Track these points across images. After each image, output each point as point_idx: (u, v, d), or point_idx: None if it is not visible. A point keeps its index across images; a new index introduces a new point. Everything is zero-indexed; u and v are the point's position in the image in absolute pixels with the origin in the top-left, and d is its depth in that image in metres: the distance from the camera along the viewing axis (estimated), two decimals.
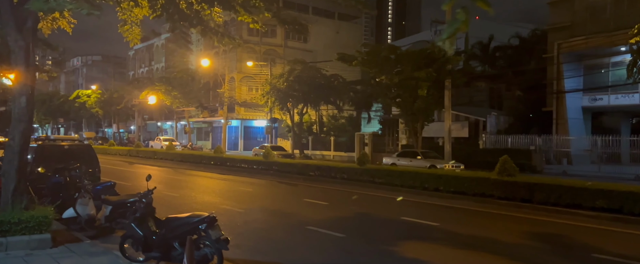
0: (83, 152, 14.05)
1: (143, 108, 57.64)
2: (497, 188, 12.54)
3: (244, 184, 19.20)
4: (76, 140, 14.69)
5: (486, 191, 12.88)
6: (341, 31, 53.24)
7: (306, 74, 36.12)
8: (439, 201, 13.54)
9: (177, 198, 14.95)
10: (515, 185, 12.15)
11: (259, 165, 23.77)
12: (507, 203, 12.20)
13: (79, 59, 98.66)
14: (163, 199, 14.89)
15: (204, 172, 24.65)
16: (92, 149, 14.34)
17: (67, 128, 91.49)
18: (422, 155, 25.03)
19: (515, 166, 12.74)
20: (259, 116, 46.99)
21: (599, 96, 26.24)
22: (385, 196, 15.29)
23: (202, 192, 16.70)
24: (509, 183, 12.23)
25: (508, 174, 12.47)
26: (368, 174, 17.35)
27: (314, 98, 36.61)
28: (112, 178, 21.09)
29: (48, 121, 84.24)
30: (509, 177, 12.34)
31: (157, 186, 7.53)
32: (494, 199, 12.57)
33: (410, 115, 28.05)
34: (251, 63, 43.29)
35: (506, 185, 12.33)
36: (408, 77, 26.49)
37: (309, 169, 20.49)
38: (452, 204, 12.96)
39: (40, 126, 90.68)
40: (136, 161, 32.45)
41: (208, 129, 55.47)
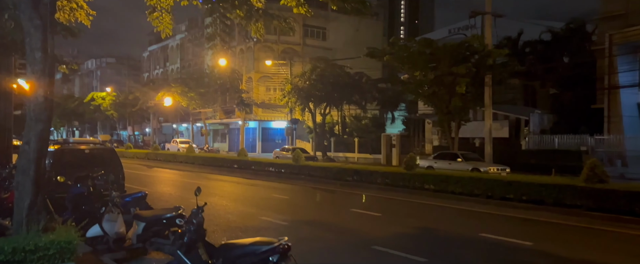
0: (106, 157, 12.54)
1: (158, 110, 56.45)
2: (586, 197, 10.68)
3: (276, 191, 17.55)
4: (98, 143, 13.12)
5: (570, 200, 11.04)
6: (361, 28, 51.48)
7: (329, 72, 34.50)
8: (512, 212, 11.71)
9: (207, 207, 13.29)
10: (612, 194, 10.27)
11: (288, 169, 22.12)
12: (601, 215, 10.31)
13: (93, 61, 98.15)
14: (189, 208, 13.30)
15: (228, 176, 23.08)
16: (115, 153, 12.81)
17: (82, 131, 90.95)
18: (462, 157, 23.20)
19: (606, 172, 10.87)
20: (278, 116, 45.42)
21: None
22: (442, 205, 13.52)
23: (233, 200, 15.07)
24: (604, 192, 10.36)
25: (599, 180, 10.63)
26: (417, 179, 15.59)
27: (338, 97, 34.97)
28: (133, 184, 19.67)
29: (63, 124, 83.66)
30: (602, 185, 10.49)
31: (180, 193, 6.18)
32: (583, 211, 10.71)
33: (446, 114, 26.20)
34: (270, 62, 41.73)
35: (599, 194, 10.46)
36: (445, 73, 24.66)
37: (345, 174, 18.77)
38: (530, 216, 11.14)
39: (56, 130, 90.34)
40: (155, 165, 31.06)
41: (224, 131, 54.04)
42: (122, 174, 12.49)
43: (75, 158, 12.05)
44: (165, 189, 18.00)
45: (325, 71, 34.30)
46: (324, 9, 51.47)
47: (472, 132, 29.42)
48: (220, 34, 10.24)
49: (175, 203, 13.94)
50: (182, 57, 62.53)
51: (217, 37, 10.38)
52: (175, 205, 7.51)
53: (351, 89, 34.49)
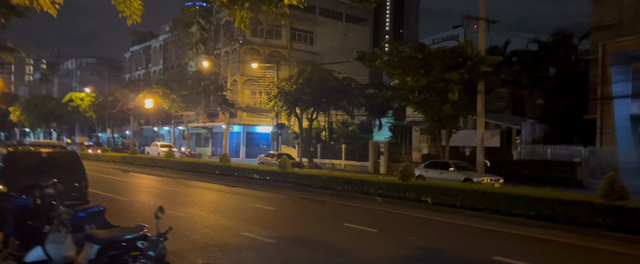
0: (67, 162, 11.22)
1: (139, 112, 54.70)
2: (605, 215, 9.71)
3: (260, 200, 16.34)
4: (58, 146, 11.75)
5: (587, 218, 10.05)
6: (349, 33, 50.66)
7: (317, 76, 33.45)
8: (522, 231, 10.69)
9: (183, 218, 12.09)
10: (636, 213, 9.28)
11: (273, 176, 20.91)
12: (624, 236, 9.31)
13: (73, 61, 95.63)
14: (168, 220, 11.98)
15: (209, 183, 21.77)
16: (77, 158, 11.49)
17: (59, 133, 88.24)
18: (454, 166, 22.28)
19: (625, 187, 9.92)
20: (263, 121, 44.16)
21: None
22: (442, 220, 12.47)
23: (213, 211, 13.82)
24: (626, 210, 9.39)
25: (619, 196, 9.68)
26: (414, 191, 14.54)
27: (325, 102, 33.93)
28: (104, 191, 18.25)
29: (40, 125, 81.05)
30: (623, 202, 9.54)
31: (155, 201, 5.17)
32: (601, 231, 9.73)
33: (437, 121, 25.35)
34: (255, 65, 40.49)
35: (619, 212, 9.49)
36: (437, 79, 23.81)
37: (336, 183, 17.63)
38: (544, 236, 10.11)
39: (32, 131, 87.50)
40: (132, 169, 29.52)
41: (208, 135, 52.52)
42: (85, 181, 11.19)
43: (30, 163, 10.73)
44: (139, 198, 16.65)
45: (312, 75, 33.26)
46: (311, 13, 50.61)
47: (462, 141, 28.63)
48: (199, 42, 9.06)
49: (147, 215, 12.66)
50: (165, 58, 60.90)
51: (196, 48, 9.20)
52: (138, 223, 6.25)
53: (339, 94, 33.48)
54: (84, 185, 11.11)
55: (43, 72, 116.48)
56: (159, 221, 5.05)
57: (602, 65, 23.57)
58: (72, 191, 10.81)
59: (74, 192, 10.84)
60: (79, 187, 11.00)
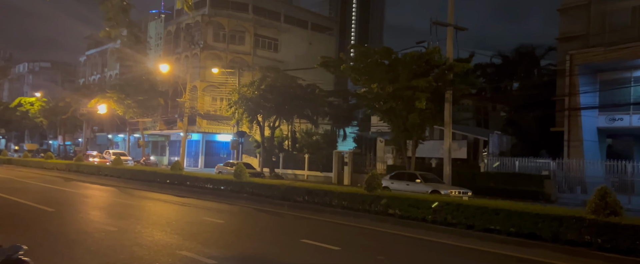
0: None
1: (92, 118, 51.81)
2: (596, 233, 8.55)
3: (210, 212, 14.66)
4: None
5: (575, 235, 8.90)
6: (314, 42, 49.59)
7: (280, 82, 32.01)
8: (502, 249, 9.43)
9: (112, 233, 10.34)
10: (632, 230, 8.14)
11: (228, 186, 19.23)
12: (618, 257, 8.16)
13: (25, 65, 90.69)
14: (93, 235, 10.22)
15: (158, 193, 19.86)
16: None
17: (8, 139, 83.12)
18: (421, 178, 21.23)
19: (618, 201, 8.84)
20: (223, 129, 42.24)
21: (618, 115, 23.29)
22: (413, 236, 11.18)
23: (152, 224, 12.07)
24: (620, 227, 8.24)
25: (612, 211, 8.58)
26: (381, 203, 13.18)
27: (288, 110, 32.47)
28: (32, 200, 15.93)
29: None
30: (617, 219, 8.42)
31: (93, 212, 3.92)
32: (591, 250, 8.56)
33: (403, 131, 24.32)
34: (216, 70, 38.70)
35: (613, 229, 8.33)
36: (404, 87, 22.81)
37: (295, 194, 16.14)
38: (526, 255, 8.88)
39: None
40: (76, 178, 27.13)
41: (165, 143, 50.05)
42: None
43: None
44: (69, 209, 14.66)
45: (276, 81, 31.80)
46: (276, 20, 49.32)
47: (428, 151, 27.74)
48: (120, 11, 7.55)
49: (70, 228, 10.79)
50: (122, 62, 58.10)
51: (116, 19, 7.69)
52: (14, 244, 4.62)
53: (303, 102, 32.11)
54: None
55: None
56: None
57: (570, 75, 23.14)
58: None
59: None
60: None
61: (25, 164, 36.23)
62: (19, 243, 3.96)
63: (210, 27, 45.24)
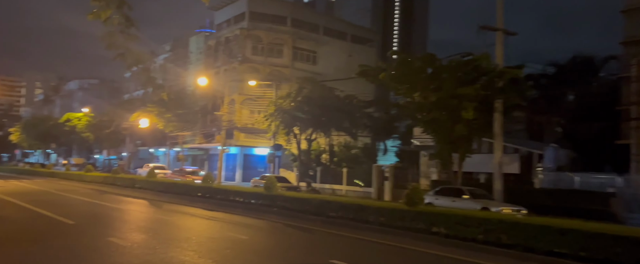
0: None
1: (134, 132, 52.45)
2: None
3: (236, 227, 13.53)
4: None
5: None
6: (354, 54, 48.36)
7: (317, 94, 30.89)
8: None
9: (124, 248, 9.37)
10: None
11: (259, 199, 18.12)
12: None
13: (75, 82, 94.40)
14: (102, 250, 9.26)
15: (187, 206, 18.98)
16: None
17: (58, 154, 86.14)
18: (469, 193, 19.41)
19: None
20: (261, 142, 41.48)
21: None
22: (461, 259, 9.58)
23: (170, 239, 11.04)
24: None
25: None
26: (423, 219, 11.68)
27: (326, 122, 31.25)
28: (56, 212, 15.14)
29: (39, 145, 79.13)
30: None
31: (113, 225, 3.18)
32: None
33: (448, 144, 22.56)
34: (254, 83, 38.15)
35: None
36: (449, 95, 21.15)
37: (328, 208, 14.80)
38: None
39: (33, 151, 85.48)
40: (111, 190, 26.85)
41: (204, 157, 49.88)
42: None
43: None
44: (89, 221, 13.91)
45: (312, 93, 30.72)
46: (315, 32, 48.60)
47: (476, 166, 25.69)
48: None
49: (82, 242, 9.91)
50: (164, 78, 58.99)
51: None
52: None
53: (340, 114, 30.84)
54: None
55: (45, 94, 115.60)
56: None
57: (637, 81, 20.79)
58: None
59: None
60: None
61: (67, 177, 36.71)
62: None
63: (249, 40, 45.00)
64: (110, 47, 6.76)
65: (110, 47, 6.75)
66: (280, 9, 47.08)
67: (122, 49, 6.77)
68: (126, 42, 6.61)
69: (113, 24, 6.33)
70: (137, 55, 6.91)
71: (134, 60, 6.93)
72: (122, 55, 6.91)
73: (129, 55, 6.87)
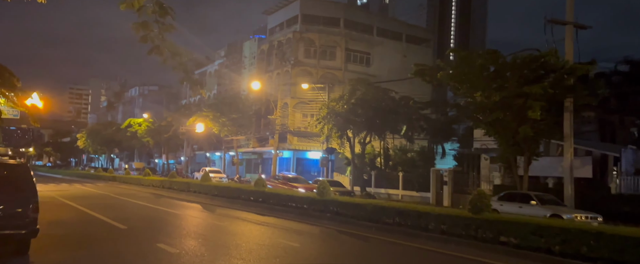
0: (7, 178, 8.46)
1: (191, 137, 53.67)
2: None
3: (287, 234, 12.96)
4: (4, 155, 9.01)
5: None
6: (409, 55, 47.05)
7: (370, 96, 30.01)
8: None
9: (172, 256, 9.03)
10: None
11: (312, 204, 17.52)
12: None
13: (136, 89, 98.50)
14: (148, 257, 8.93)
15: (240, 211, 18.69)
16: (24, 172, 8.62)
17: (121, 158, 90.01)
18: (537, 199, 17.91)
19: None
20: (314, 146, 41.09)
21: None
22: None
23: (219, 246, 10.61)
24: None
25: None
26: (491, 227, 10.60)
27: (380, 125, 30.30)
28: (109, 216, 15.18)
29: (103, 150, 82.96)
30: None
31: (165, 229, 2.85)
32: None
33: (512, 146, 21.06)
34: (306, 86, 37.83)
35: None
36: (513, 94, 19.72)
37: (384, 214, 13.95)
38: None
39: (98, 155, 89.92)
40: (167, 194, 27.25)
41: (258, 161, 50.19)
42: (34, 202, 8.26)
43: None
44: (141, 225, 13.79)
45: (366, 95, 29.89)
46: (368, 33, 47.72)
47: (543, 170, 23.91)
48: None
49: (131, 249, 9.66)
50: (220, 83, 60.13)
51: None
52: None
53: (396, 116, 29.80)
54: (30, 209, 8.17)
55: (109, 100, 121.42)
56: None
57: None
58: (12, 217, 8.02)
59: (14, 219, 8.04)
60: (21, 213, 8.10)
61: (126, 181, 37.82)
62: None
63: (301, 43, 44.81)
64: (144, 40, 6.34)
65: (144, 40, 6.33)
66: (333, 11, 46.60)
67: (158, 41, 6.33)
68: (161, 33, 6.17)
69: (147, 14, 5.93)
70: (173, 48, 6.46)
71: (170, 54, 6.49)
72: (158, 49, 6.47)
73: (164, 47, 6.44)
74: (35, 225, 8.21)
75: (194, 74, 6.91)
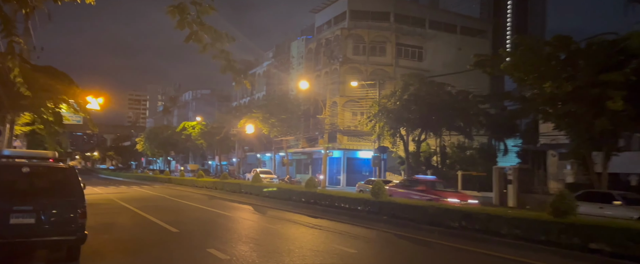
0: (56, 181, 8.01)
1: (242, 138, 53.88)
2: None
3: (343, 238, 11.98)
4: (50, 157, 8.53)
5: None
6: (464, 48, 44.86)
7: (425, 91, 28.51)
8: None
9: (223, 262, 8.32)
10: None
11: (366, 206, 16.46)
12: None
13: (190, 93, 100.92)
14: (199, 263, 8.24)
15: (291, 213, 17.91)
16: (72, 175, 8.11)
17: (177, 161, 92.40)
18: (621, 199, 15.97)
19: None
20: (365, 145, 39.93)
21: None
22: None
23: (271, 251, 9.78)
24: None
25: None
26: (578, 233, 9.16)
27: (436, 121, 28.74)
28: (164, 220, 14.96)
29: (160, 153, 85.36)
30: None
31: (216, 233, 2.33)
32: None
33: (587, 140, 19.10)
34: (356, 83, 36.74)
35: None
36: (588, 83, 17.80)
37: (448, 217, 12.69)
38: None
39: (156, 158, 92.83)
40: (219, 195, 27.01)
41: (307, 161, 49.59)
42: (81, 207, 7.76)
43: (3, 180, 7.69)
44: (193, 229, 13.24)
45: (420, 90, 28.42)
46: (420, 27, 46.00)
47: (624, 166, 21.65)
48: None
49: (182, 254, 9.04)
50: (268, 84, 60.13)
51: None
52: None
53: (452, 112, 28.14)
54: (79, 214, 7.68)
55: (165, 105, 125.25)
56: None
57: None
58: (60, 223, 7.59)
59: (62, 225, 7.60)
60: (69, 218, 7.64)
61: (181, 182, 38.24)
62: None
63: (350, 40, 43.75)
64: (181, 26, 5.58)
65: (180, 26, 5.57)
66: (382, 5, 45.22)
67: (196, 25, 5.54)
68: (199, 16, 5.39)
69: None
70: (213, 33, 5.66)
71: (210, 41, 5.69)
72: (196, 35, 5.69)
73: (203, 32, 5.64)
74: (83, 231, 7.80)
75: (236, 63, 6.07)
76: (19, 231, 7.28)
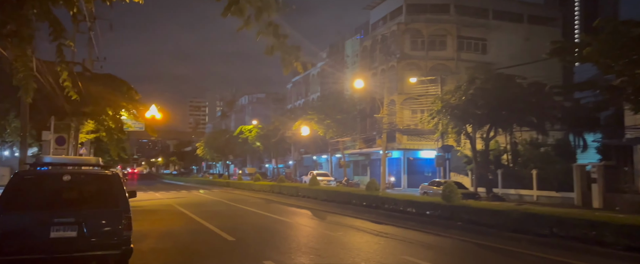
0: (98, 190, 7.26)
1: (298, 141, 53.35)
2: None
3: (412, 247, 10.62)
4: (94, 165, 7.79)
5: None
6: (532, 37, 41.84)
7: (492, 84, 26.34)
8: None
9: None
10: None
11: (436, 210, 14.92)
12: None
13: (246, 97, 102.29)
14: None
15: (352, 218, 16.68)
16: (116, 183, 7.31)
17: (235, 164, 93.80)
18: None
19: None
20: (426, 145, 37.99)
21: None
22: None
23: None
24: None
25: None
26: None
27: (506, 117, 26.50)
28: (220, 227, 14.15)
29: (219, 157, 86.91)
30: None
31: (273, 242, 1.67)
32: None
33: None
34: (415, 79, 34.94)
35: None
36: None
37: (536, 224, 10.99)
38: None
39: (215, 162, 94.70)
40: (276, 199, 26.28)
41: (365, 162, 48.13)
42: (126, 218, 6.95)
43: (43, 190, 7.01)
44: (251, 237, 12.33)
45: (487, 83, 26.29)
46: (484, 17, 43.42)
47: None
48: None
49: None
50: (322, 84, 59.28)
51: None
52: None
53: (524, 106, 25.82)
54: (124, 225, 6.89)
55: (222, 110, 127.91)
56: None
57: None
58: (104, 236, 6.82)
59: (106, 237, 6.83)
60: (112, 231, 6.85)
61: (238, 186, 38.15)
62: None
63: (407, 35, 41.92)
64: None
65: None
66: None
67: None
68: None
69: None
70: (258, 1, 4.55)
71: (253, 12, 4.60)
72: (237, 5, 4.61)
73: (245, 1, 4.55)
74: (129, 244, 7.00)
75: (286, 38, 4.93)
76: (60, 246, 6.61)
